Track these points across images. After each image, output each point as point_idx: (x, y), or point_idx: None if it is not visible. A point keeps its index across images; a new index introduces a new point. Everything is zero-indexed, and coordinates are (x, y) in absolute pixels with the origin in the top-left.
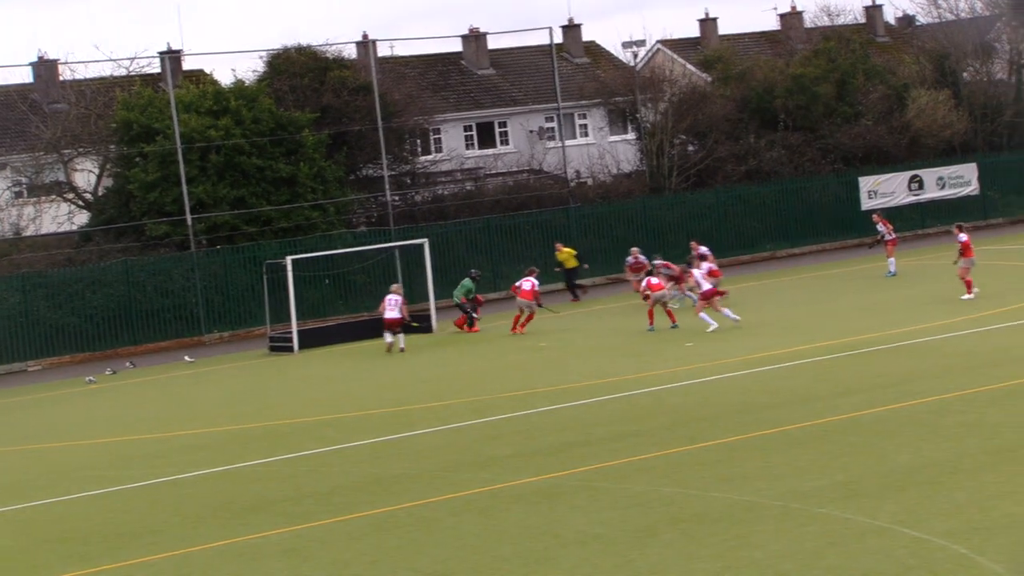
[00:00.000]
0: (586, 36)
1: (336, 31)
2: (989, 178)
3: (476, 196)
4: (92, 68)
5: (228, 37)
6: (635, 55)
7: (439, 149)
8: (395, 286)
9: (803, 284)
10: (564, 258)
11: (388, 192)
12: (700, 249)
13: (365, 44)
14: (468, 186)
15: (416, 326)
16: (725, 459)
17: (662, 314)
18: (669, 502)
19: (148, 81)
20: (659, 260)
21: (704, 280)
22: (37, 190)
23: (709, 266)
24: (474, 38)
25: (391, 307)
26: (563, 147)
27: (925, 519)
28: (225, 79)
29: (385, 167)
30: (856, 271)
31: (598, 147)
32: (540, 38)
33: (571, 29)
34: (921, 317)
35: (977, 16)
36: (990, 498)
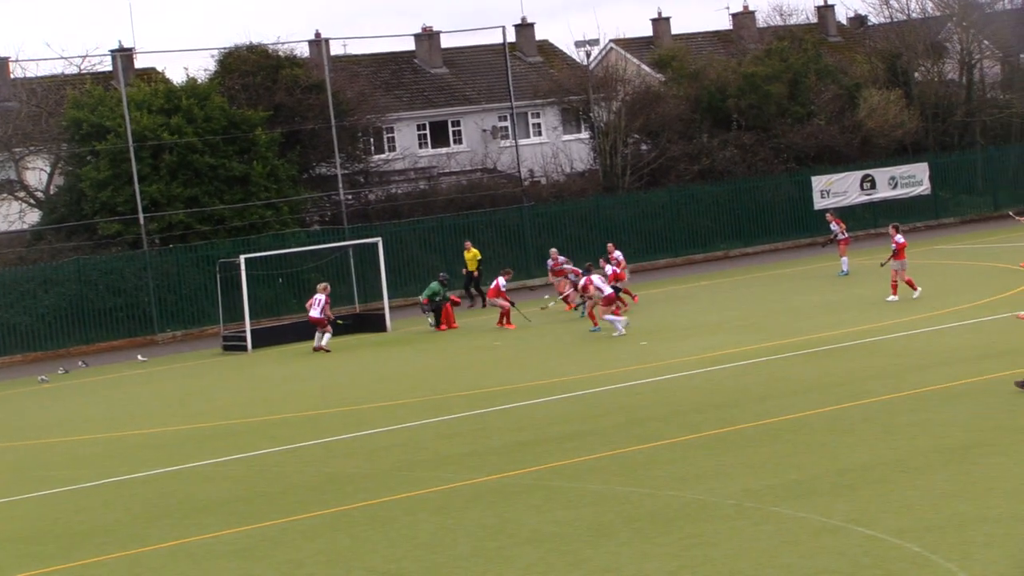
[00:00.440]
0: (539, 35)
1: (288, 29)
2: (940, 178)
3: (430, 195)
4: (43, 66)
5: (180, 35)
6: (588, 54)
7: (392, 148)
8: (320, 285)
9: (756, 283)
10: (469, 259)
11: (342, 191)
12: (615, 254)
13: (318, 42)
14: (422, 185)
15: (341, 323)
16: (679, 458)
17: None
18: (623, 501)
19: (100, 79)
20: (568, 264)
21: (604, 284)
22: None
23: (613, 269)
24: (427, 37)
25: (314, 307)
26: (516, 146)
27: (878, 518)
28: (177, 77)
29: (338, 166)
30: (809, 270)
31: (551, 146)
32: (493, 37)
33: (524, 28)
34: (873, 316)
35: (928, 16)
36: (941, 497)
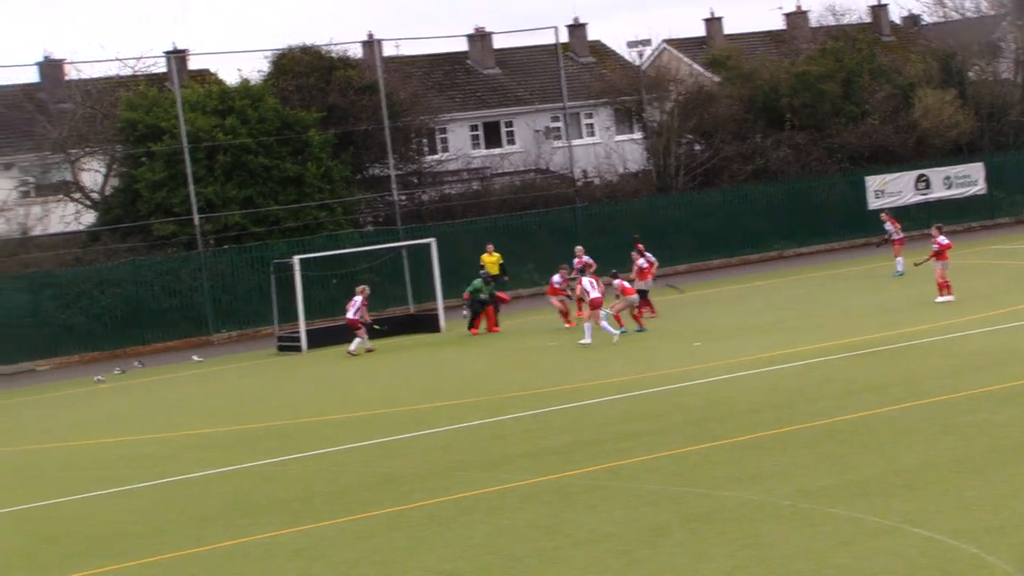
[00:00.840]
0: (591, 35)
1: (341, 31)
2: (996, 177)
3: (483, 196)
4: (98, 68)
5: (233, 37)
6: (640, 54)
7: (445, 149)
8: (359, 288)
9: (811, 283)
10: (490, 263)
11: (395, 191)
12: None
13: (370, 43)
14: (475, 185)
15: (378, 328)
16: (735, 458)
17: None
18: (679, 501)
19: (153, 81)
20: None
21: (592, 288)
22: (44, 190)
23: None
24: (480, 37)
25: (351, 309)
26: (569, 146)
27: (935, 519)
28: (230, 79)
29: (392, 166)
30: (863, 270)
31: (604, 146)
32: (546, 37)
33: (576, 28)
34: (928, 317)
35: (983, 15)
36: (1000, 497)
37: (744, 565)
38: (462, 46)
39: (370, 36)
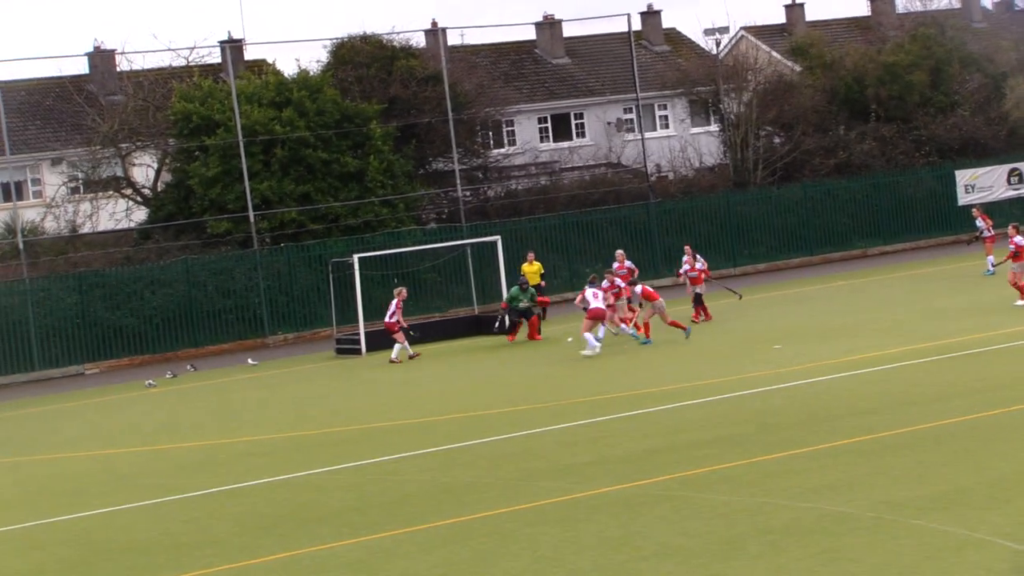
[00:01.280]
0: (666, 23)
1: (403, 19)
2: None
3: (551, 191)
4: (150, 58)
5: (291, 26)
6: (718, 43)
7: (512, 142)
8: (396, 289)
9: (896, 283)
10: (531, 273)
11: (459, 187)
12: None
13: (434, 32)
14: (543, 180)
15: (413, 335)
16: (815, 468)
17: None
18: (756, 512)
19: (208, 72)
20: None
21: (594, 299)
22: (94, 185)
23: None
24: (548, 25)
25: (389, 312)
26: (642, 139)
27: None
28: (288, 69)
29: (456, 161)
30: (952, 269)
31: (679, 139)
32: (618, 25)
33: (650, 16)
34: (1021, 319)
35: None
36: None
37: None
38: (530, 35)
39: (434, 24)
